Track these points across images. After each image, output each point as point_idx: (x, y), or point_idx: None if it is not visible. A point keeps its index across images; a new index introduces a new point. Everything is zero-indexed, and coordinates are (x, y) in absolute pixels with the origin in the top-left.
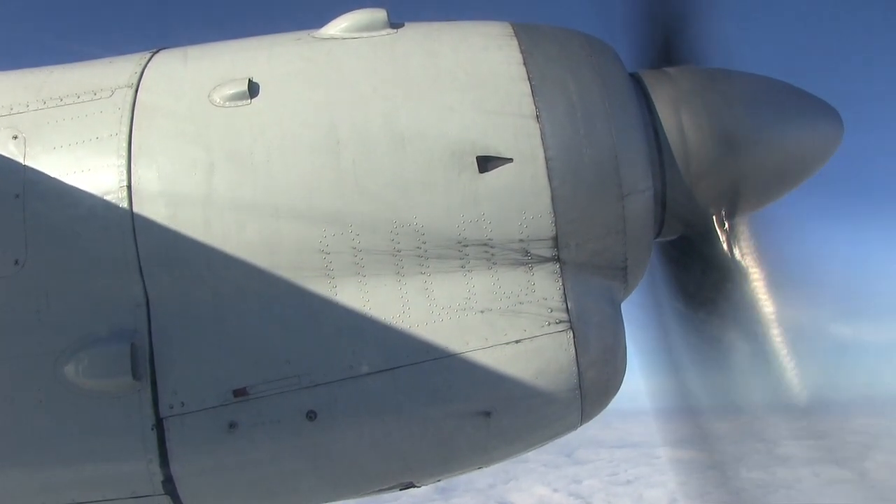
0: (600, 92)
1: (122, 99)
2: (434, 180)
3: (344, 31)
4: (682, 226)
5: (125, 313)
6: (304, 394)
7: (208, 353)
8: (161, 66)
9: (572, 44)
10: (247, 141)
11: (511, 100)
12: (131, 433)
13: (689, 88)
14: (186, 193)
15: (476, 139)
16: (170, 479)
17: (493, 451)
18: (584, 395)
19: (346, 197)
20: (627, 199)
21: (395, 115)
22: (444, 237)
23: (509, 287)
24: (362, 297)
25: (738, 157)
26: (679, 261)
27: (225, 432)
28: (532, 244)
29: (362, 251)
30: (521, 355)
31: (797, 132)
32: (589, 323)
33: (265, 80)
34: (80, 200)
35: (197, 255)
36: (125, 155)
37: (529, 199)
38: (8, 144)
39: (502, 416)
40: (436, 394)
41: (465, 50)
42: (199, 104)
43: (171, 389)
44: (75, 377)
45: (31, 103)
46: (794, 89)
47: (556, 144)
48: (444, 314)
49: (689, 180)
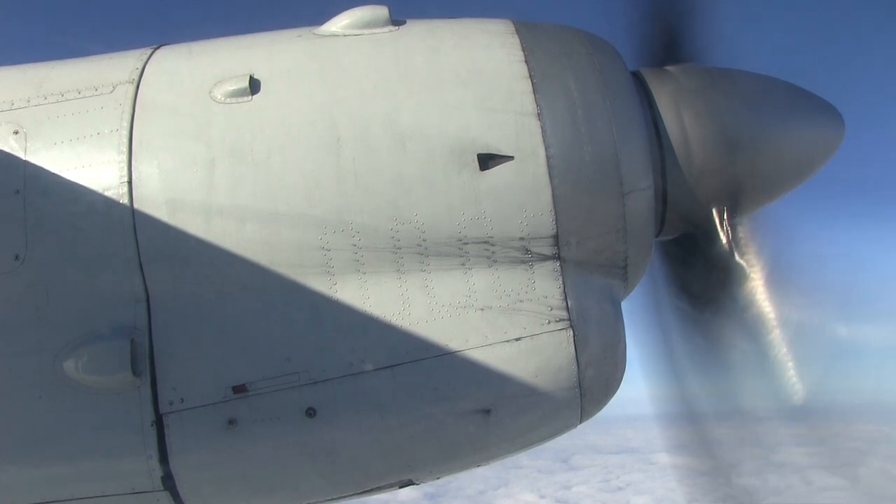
0: (601, 90)
1: (124, 95)
2: (435, 178)
3: (345, 28)
4: (683, 224)
5: (125, 309)
6: (303, 391)
7: (208, 350)
8: (162, 63)
9: (573, 42)
10: (248, 137)
11: (512, 97)
12: (131, 429)
13: (691, 87)
14: (187, 190)
15: (477, 137)
16: (169, 475)
17: (493, 449)
18: (584, 393)
19: (346, 194)
20: (628, 198)
21: (396, 113)
22: (445, 235)
23: (510, 285)
24: (362, 294)
25: (739, 155)
26: (680, 259)
27: (224, 429)
28: (532, 242)
29: (363, 248)
30: (521, 353)
31: (798, 131)
32: (589, 321)
33: (266, 77)
34: (81, 196)
35: (197, 252)
36: (126, 151)
37: (530, 197)
38: (9, 140)
39: (502, 413)
40: (435, 391)
41: (467, 47)
42: (201, 100)
43: (170, 386)
44: (75, 373)
45: (32, 99)
46: (795, 88)
47: (557, 142)
48: (444, 312)
49: (691, 179)
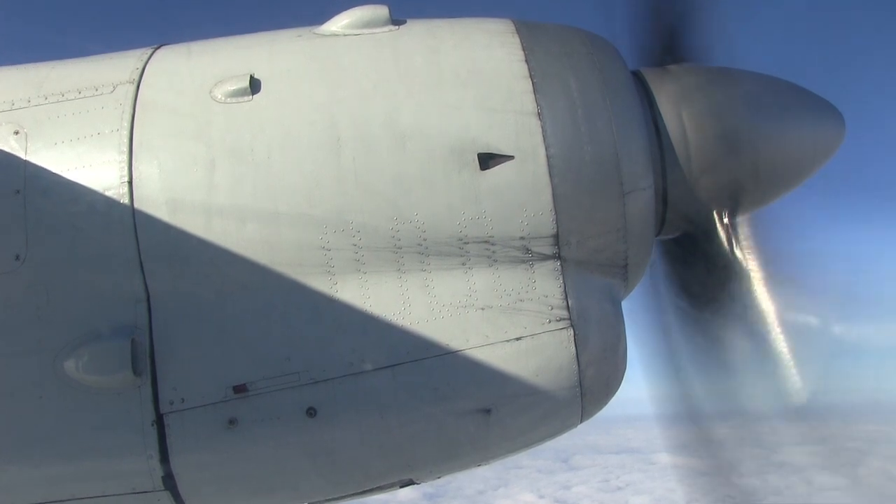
0: (602, 89)
1: (124, 95)
2: (435, 177)
3: (346, 27)
4: (684, 224)
5: (126, 309)
6: (304, 390)
7: (209, 350)
8: (162, 62)
9: (574, 41)
10: (248, 137)
11: (512, 97)
12: (131, 429)
13: (691, 86)
14: (187, 189)
15: (477, 136)
16: (170, 475)
17: (493, 449)
18: (584, 392)
19: (347, 194)
20: (628, 197)
21: (396, 112)
22: (445, 234)
23: (510, 284)
24: (363, 293)
25: (739, 155)
26: (680, 259)
27: (225, 428)
28: (533, 242)
29: (363, 248)
30: (522, 353)
31: (799, 131)
32: (589, 321)
33: (267, 77)
34: (81, 196)
35: (198, 251)
36: (126, 151)
37: (530, 197)
38: (9, 140)
39: (502, 413)
40: (436, 391)
41: (467, 47)
42: (201, 100)
43: (171, 385)
44: (76, 373)
45: (33, 99)
46: (796, 88)
47: (558, 142)
48: (444, 311)
49: (691, 178)
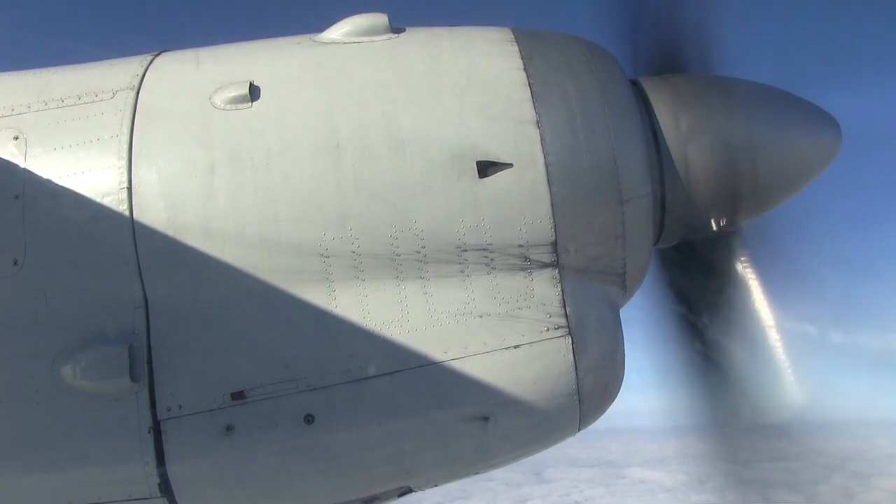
0: (600, 98)
1: (124, 101)
2: (434, 185)
3: (345, 35)
4: (682, 231)
5: (124, 315)
6: (301, 397)
7: (206, 356)
8: (163, 69)
9: (573, 50)
10: (247, 144)
11: (511, 105)
12: (128, 435)
13: (689, 95)
14: (186, 196)
15: (476, 144)
16: (166, 482)
17: (491, 456)
18: (582, 400)
19: (345, 201)
20: (627, 205)
21: (395, 120)
22: (444, 242)
23: (508, 292)
24: (361, 301)
25: (737, 163)
26: (679, 266)
27: (222, 435)
28: (531, 249)
29: (362, 255)
30: (520, 360)
31: (796, 139)
32: (588, 328)
33: (266, 84)
34: (80, 202)
35: (196, 258)
36: (126, 157)
37: (529, 205)
38: (9, 145)
39: (500, 420)
40: (434, 398)
41: (466, 55)
42: (201, 107)
43: (168, 392)
44: (73, 378)
45: (33, 104)
46: (793, 97)
47: (556, 150)
48: (443, 319)
49: (689, 186)
